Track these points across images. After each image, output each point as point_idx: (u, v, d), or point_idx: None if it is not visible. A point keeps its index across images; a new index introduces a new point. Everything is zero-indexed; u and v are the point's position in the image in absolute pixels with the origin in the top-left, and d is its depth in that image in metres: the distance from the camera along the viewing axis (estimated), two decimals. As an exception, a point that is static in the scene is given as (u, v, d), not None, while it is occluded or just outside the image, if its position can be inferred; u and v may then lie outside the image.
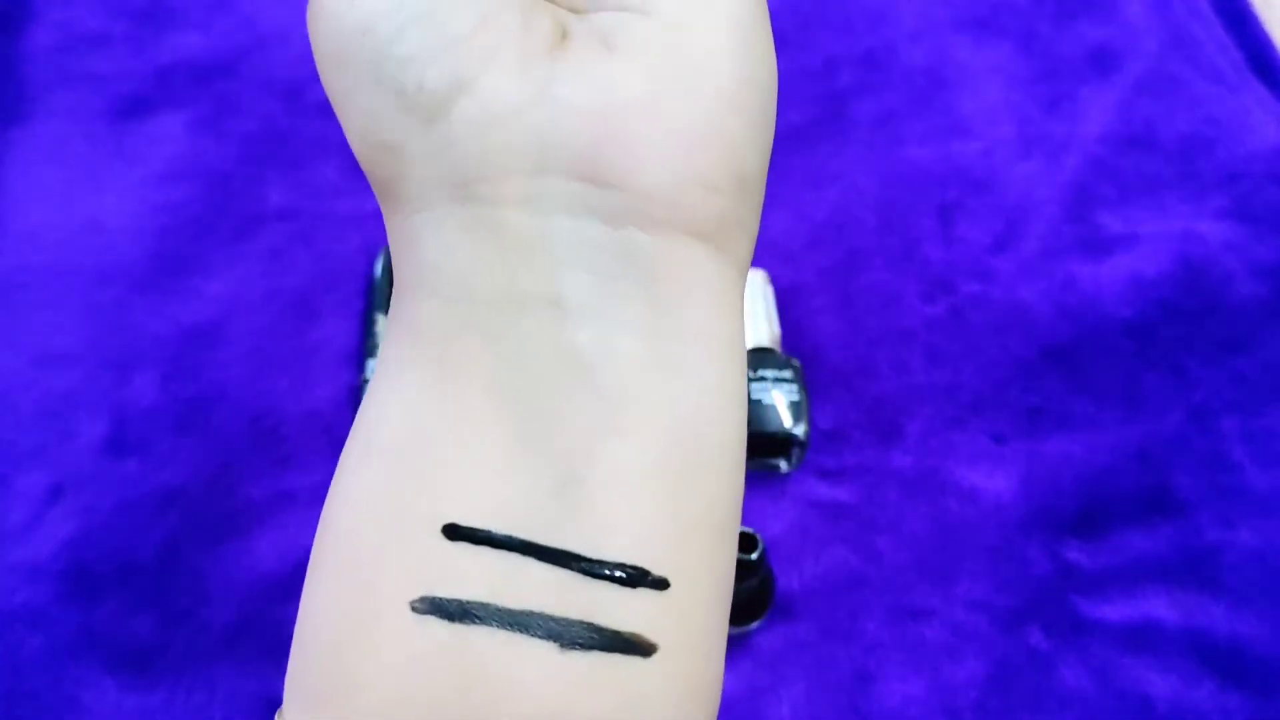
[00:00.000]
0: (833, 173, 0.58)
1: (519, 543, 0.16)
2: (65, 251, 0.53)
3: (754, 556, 0.40)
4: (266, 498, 0.46)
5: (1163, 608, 0.44)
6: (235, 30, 0.64)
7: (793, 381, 0.47)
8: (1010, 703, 0.42)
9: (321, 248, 0.54)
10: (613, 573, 0.16)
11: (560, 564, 0.16)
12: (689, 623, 0.17)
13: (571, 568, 0.16)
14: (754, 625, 0.42)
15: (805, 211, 0.57)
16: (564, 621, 0.16)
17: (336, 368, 0.50)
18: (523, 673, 0.16)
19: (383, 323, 0.49)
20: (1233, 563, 0.45)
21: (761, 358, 0.48)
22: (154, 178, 0.57)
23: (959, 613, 0.44)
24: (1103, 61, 0.63)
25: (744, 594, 0.41)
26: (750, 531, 0.40)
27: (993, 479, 0.48)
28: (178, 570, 0.44)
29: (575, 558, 0.16)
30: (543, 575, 0.16)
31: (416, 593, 0.16)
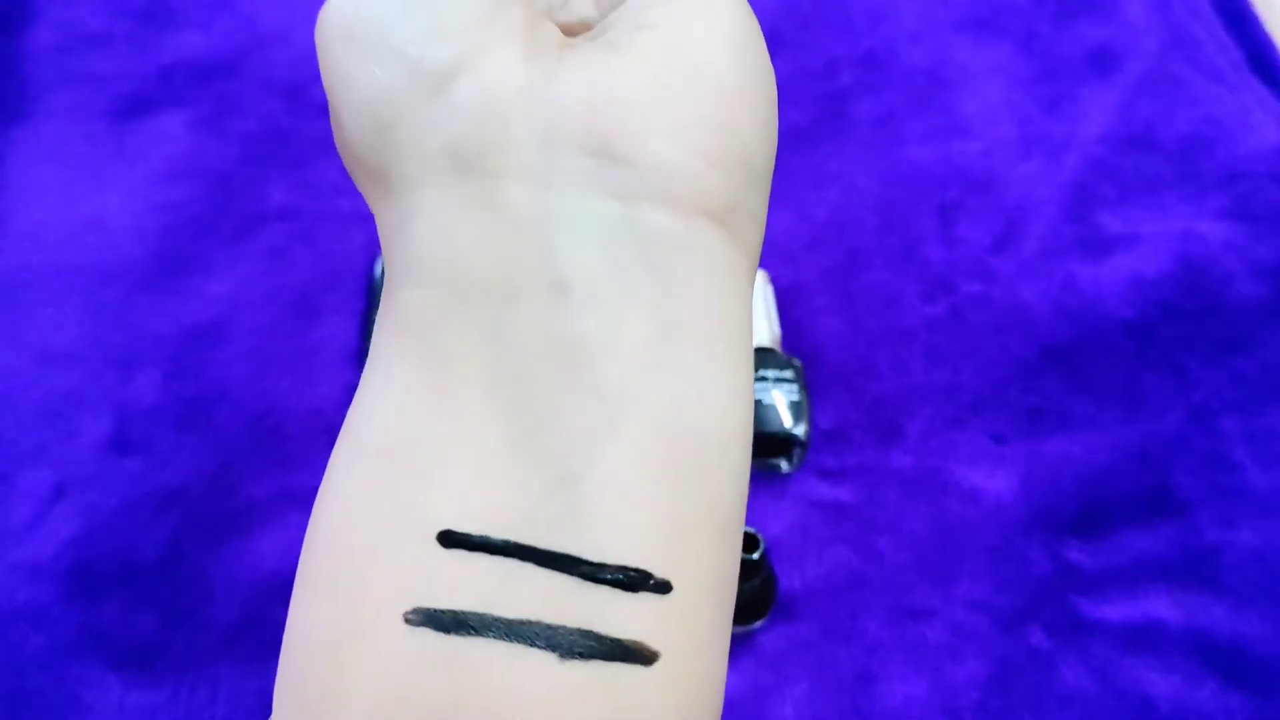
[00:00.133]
0: (833, 173, 0.58)
1: (516, 548, 0.16)
2: (67, 251, 0.53)
3: (755, 556, 0.40)
4: (268, 496, 0.46)
5: (1164, 608, 0.44)
6: (236, 30, 0.64)
7: (793, 381, 0.47)
8: (1011, 703, 0.42)
9: (322, 247, 0.54)
10: (614, 576, 0.16)
11: (559, 569, 0.16)
12: (691, 628, 0.16)
13: (571, 572, 0.16)
14: (756, 625, 0.42)
15: (805, 211, 0.57)
16: (563, 630, 0.15)
17: (338, 367, 0.50)
18: (520, 685, 0.15)
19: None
20: (1233, 562, 0.45)
21: (762, 358, 0.48)
22: (155, 177, 0.57)
23: (960, 613, 0.44)
24: (1103, 61, 0.63)
25: (746, 594, 0.41)
26: (752, 531, 0.40)
27: (993, 479, 0.48)
28: (180, 569, 0.44)
29: (575, 562, 0.16)
30: (540, 581, 0.16)
31: (409, 602, 0.15)
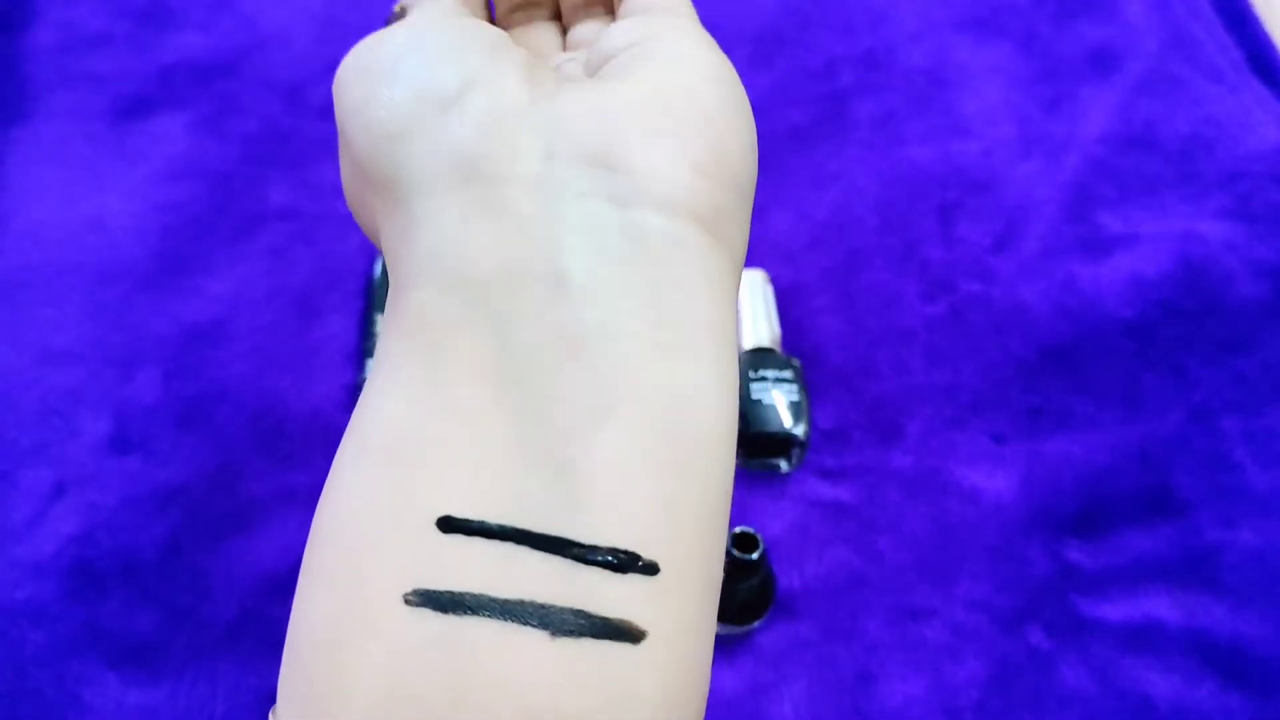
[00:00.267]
0: (833, 173, 0.58)
1: (513, 532, 0.16)
2: (67, 250, 0.53)
3: (755, 556, 0.40)
4: (268, 495, 0.46)
5: (1163, 608, 0.44)
6: (236, 30, 0.64)
7: (793, 381, 0.47)
8: (1011, 703, 0.42)
9: (322, 247, 0.54)
10: (604, 558, 0.16)
11: (553, 551, 0.16)
12: (678, 609, 0.17)
13: (564, 555, 0.16)
14: (755, 624, 0.42)
15: (805, 211, 0.57)
16: (555, 609, 0.16)
17: (338, 366, 0.50)
18: (514, 661, 0.16)
19: (381, 323, 0.49)
20: (1233, 562, 0.45)
21: (761, 358, 0.48)
22: (155, 177, 0.57)
23: (959, 613, 0.44)
24: (1103, 61, 0.63)
25: (745, 593, 0.41)
26: (751, 531, 0.40)
27: (993, 479, 0.48)
28: (180, 567, 0.44)
29: (568, 545, 0.16)
30: (536, 564, 0.16)
31: (409, 586, 0.16)
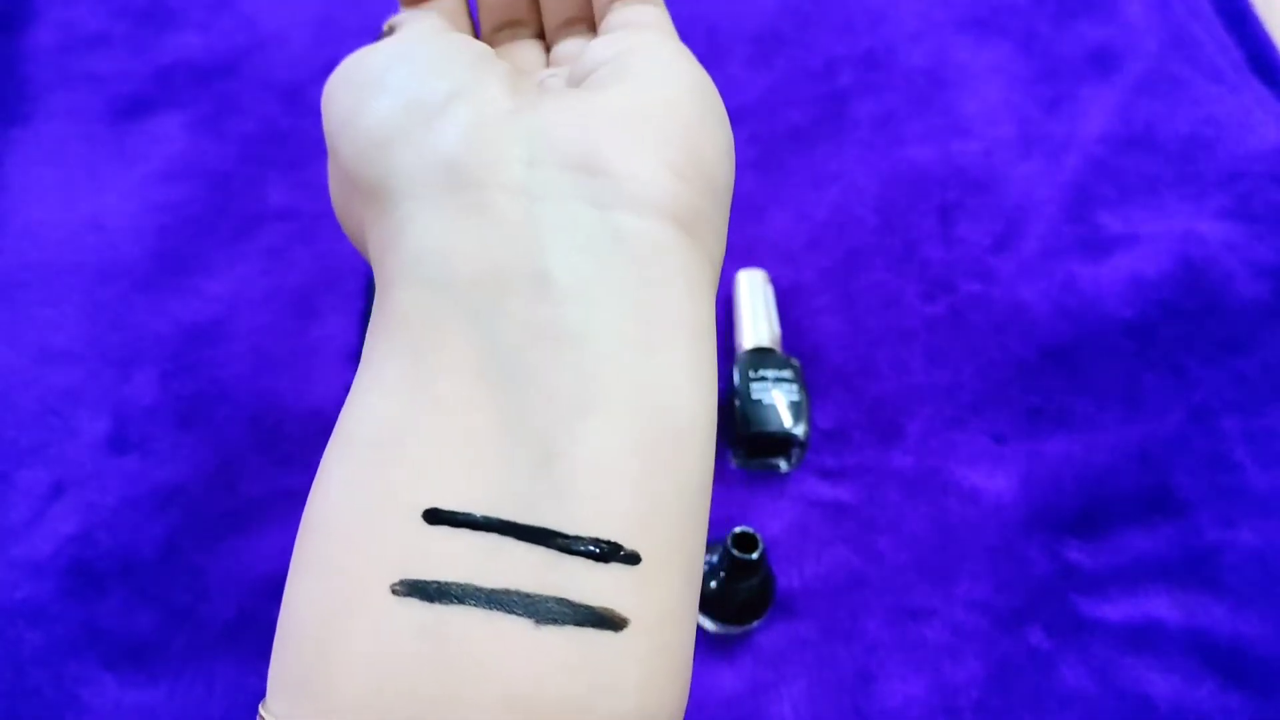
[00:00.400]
0: (833, 173, 0.58)
1: (498, 523, 0.17)
2: (66, 250, 0.53)
3: (755, 556, 0.40)
4: (267, 495, 0.46)
5: (1163, 607, 0.44)
6: (235, 30, 0.64)
7: (793, 381, 0.47)
8: (1011, 703, 0.42)
9: (321, 247, 0.54)
10: (587, 548, 0.17)
11: (538, 542, 0.17)
12: (659, 598, 0.17)
13: (548, 545, 0.17)
14: (755, 624, 0.42)
15: (805, 211, 0.57)
16: (539, 598, 0.16)
17: (337, 366, 0.50)
18: (499, 649, 0.16)
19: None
20: (1233, 563, 0.45)
21: (761, 358, 0.48)
22: (154, 177, 0.57)
23: (959, 613, 0.44)
24: (1103, 61, 0.63)
25: (745, 593, 0.41)
26: (751, 531, 0.40)
27: (993, 479, 0.47)
28: (178, 567, 0.44)
29: (552, 535, 0.17)
30: (521, 554, 0.17)
31: (396, 576, 0.16)
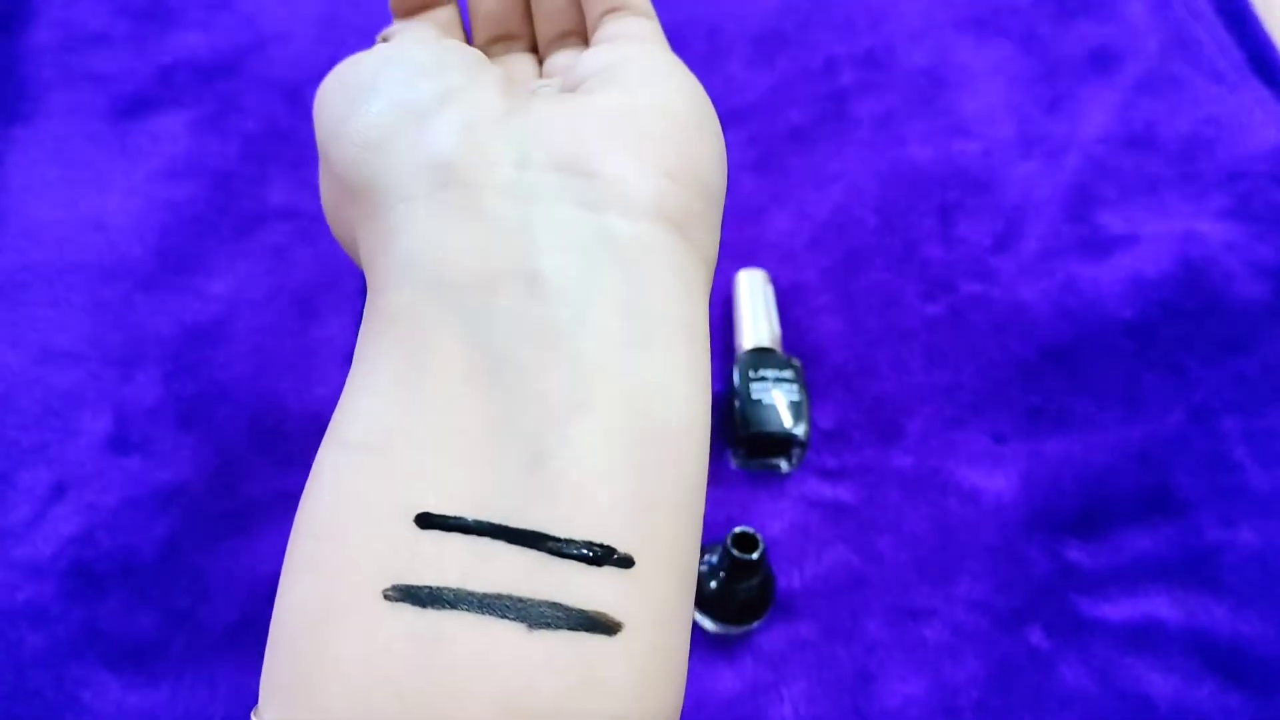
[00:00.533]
0: (833, 173, 0.58)
1: (489, 527, 0.17)
2: (67, 249, 0.53)
3: (755, 556, 0.40)
4: (268, 496, 0.46)
5: (1164, 607, 0.44)
6: (236, 30, 0.64)
7: (793, 381, 0.47)
8: (1010, 703, 0.42)
9: (323, 246, 0.54)
10: (579, 551, 0.17)
11: (530, 545, 0.17)
12: (653, 601, 0.17)
13: (540, 548, 0.17)
14: (755, 624, 0.42)
15: (806, 211, 0.57)
16: (532, 602, 0.16)
17: (338, 366, 0.50)
18: (492, 654, 0.16)
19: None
20: (1233, 562, 0.45)
21: (761, 358, 0.48)
22: (156, 176, 0.57)
23: (959, 613, 0.44)
24: (1103, 61, 0.63)
25: (745, 594, 0.41)
26: (751, 531, 0.40)
27: (993, 479, 0.48)
28: (180, 568, 0.44)
29: (544, 538, 0.17)
30: (512, 558, 0.16)
31: (388, 580, 0.16)
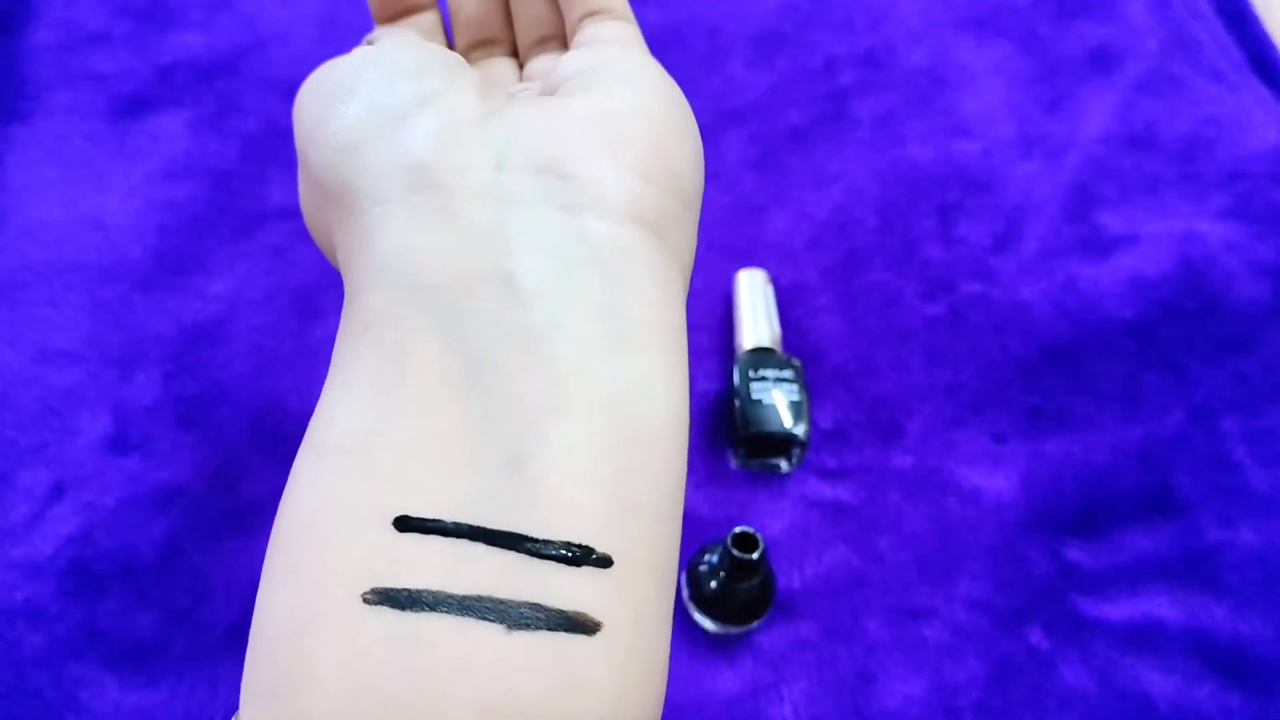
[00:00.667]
0: (833, 173, 0.58)
1: (468, 529, 0.17)
2: (67, 249, 0.53)
3: (755, 556, 0.40)
4: (268, 496, 0.46)
5: (1164, 607, 0.44)
6: (236, 30, 0.64)
7: (793, 381, 0.47)
8: (1011, 703, 0.42)
9: (323, 247, 0.54)
10: (558, 552, 0.17)
11: (508, 547, 0.17)
12: (632, 601, 0.17)
13: (519, 550, 0.17)
14: (755, 624, 0.42)
15: (806, 211, 0.57)
16: (511, 604, 0.16)
17: (337, 366, 0.50)
18: (472, 655, 0.16)
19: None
20: (1234, 562, 0.45)
21: (761, 358, 0.48)
22: (155, 176, 0.57)
23: (959, 612, 0.44)
24: (1103, 61, 0.63)
25: (745, 593, 0.41)
26: (751, 531, 0.40)
27: (993, 479, 0.48)
28: (179, 568, 0.44)
29: (523, 539, 0.17)
30: (491, 560, 0.16)
31: (367, 584, 0.16)
